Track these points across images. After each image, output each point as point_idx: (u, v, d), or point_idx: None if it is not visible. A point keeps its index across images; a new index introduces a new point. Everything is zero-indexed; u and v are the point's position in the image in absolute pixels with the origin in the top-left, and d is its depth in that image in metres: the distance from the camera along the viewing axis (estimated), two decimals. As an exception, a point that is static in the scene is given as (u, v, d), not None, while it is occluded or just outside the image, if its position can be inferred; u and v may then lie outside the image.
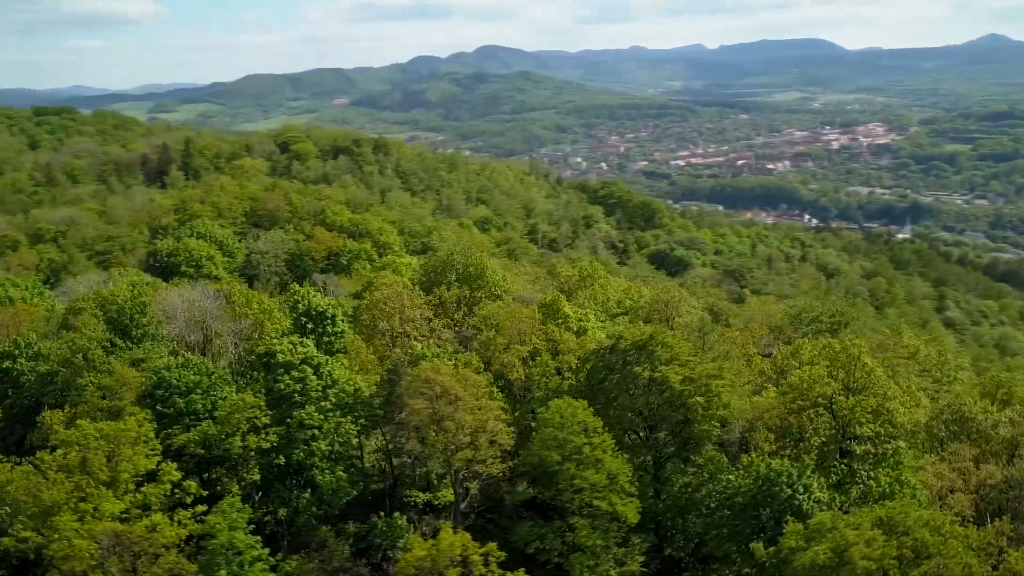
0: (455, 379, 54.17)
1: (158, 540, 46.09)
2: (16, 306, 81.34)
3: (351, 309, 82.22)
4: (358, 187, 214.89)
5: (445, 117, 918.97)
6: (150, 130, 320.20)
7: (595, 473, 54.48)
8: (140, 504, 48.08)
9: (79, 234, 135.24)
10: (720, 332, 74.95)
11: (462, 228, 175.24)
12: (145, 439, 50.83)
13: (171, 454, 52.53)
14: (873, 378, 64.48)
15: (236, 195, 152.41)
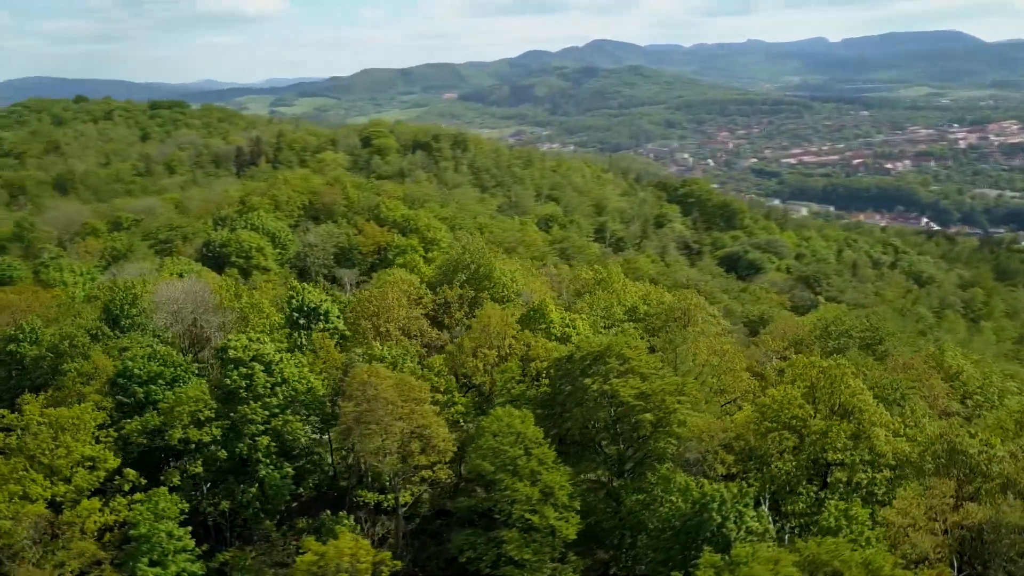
0: (392, 383, 54.03)
1: (87, 526, 48.25)
2: (41, 290, 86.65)
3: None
4: (431, 183, 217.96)
5: (552, 112, 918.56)
6: (251, 123, 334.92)
7: (528, 486, 53.30)
8: (78, 490, 50.32)
9: (151, 223, 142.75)
10: (706, 344, 71.59)
11: (522, 225, 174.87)
12: (100, 425, 53.26)
13: (126, 443, 54.73)
14: (856, 401, 60.27)
15: (298, 188, 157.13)
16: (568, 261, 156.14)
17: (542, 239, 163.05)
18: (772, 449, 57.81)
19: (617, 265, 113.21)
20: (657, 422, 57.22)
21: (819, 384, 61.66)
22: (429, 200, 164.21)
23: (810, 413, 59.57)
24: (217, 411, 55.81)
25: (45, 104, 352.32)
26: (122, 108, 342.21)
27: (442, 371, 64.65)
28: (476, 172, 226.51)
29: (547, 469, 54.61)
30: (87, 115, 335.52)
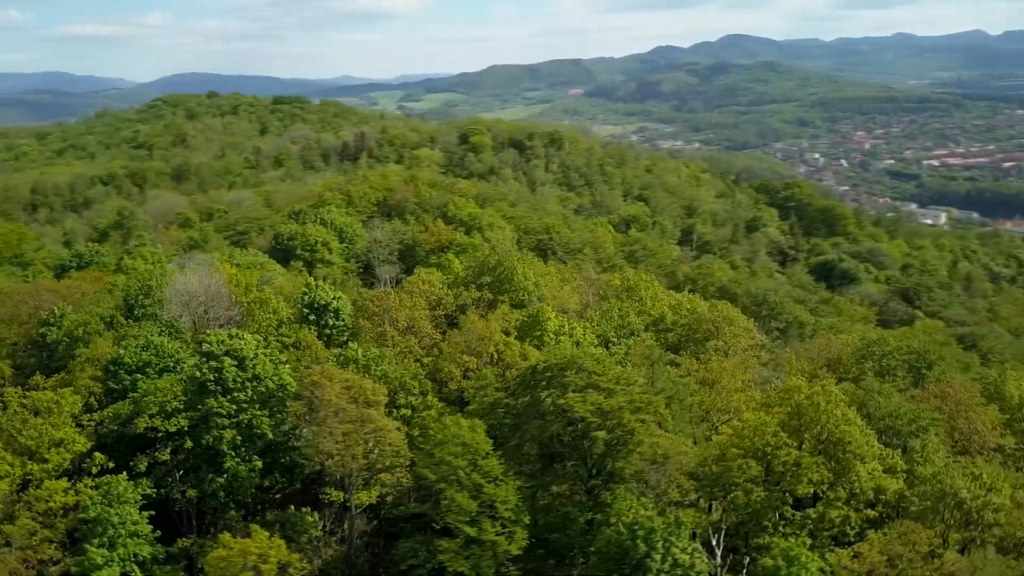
0: (341, 386, 54.77)
1: (52, 505, 51.69)
2: (103, 276, 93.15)
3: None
4: (518, 181, 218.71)
5: (678, 108, 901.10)
6: (363, 119, 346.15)
7: (467, 498, 52.77)
8: (48, 471, 53.92)
9: (232, 215, 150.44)
10: (717, 363, 68.38)
11: (595, 226, 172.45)
12: (89, 409, 56.93)
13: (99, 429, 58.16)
14: (840, 432, 56.08)
15: (376, 185, 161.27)
16: (636, 265, 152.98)
17: (613, 241, 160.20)
18: (735, 477, 54.61)
19: (650, 272, 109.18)
20: (613, 441, 55.27)
21: (804, 411, 57.81)
22: (501, 199, 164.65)
23: (785, 441, 55.93)
24: (187, 403, 58.24)
25: (181, 99, 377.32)
26: (247, 103, 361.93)
27: (419, 375, 64.89)
28: (566, 171, 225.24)
29: (490, 482, 53.87)
30: (216, 110, 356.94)
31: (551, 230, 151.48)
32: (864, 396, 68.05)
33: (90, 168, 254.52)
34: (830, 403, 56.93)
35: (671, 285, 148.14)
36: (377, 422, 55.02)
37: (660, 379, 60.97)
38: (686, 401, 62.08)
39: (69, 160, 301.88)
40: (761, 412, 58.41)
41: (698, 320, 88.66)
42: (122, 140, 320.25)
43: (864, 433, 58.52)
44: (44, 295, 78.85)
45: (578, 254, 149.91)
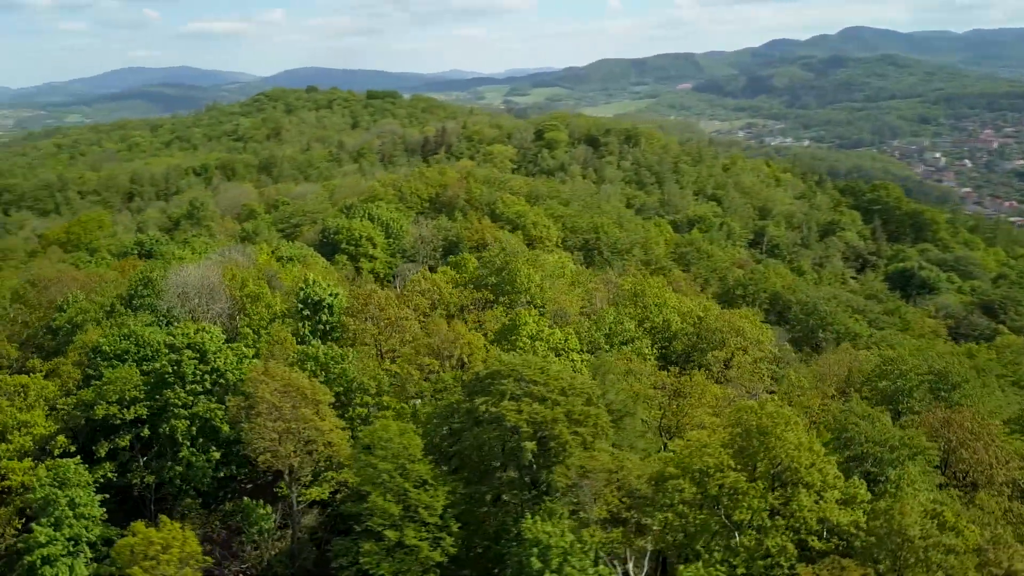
0: (280, 384, 55.78)
1: (11, 484, 55.10)
2: (140, 264, 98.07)
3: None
4: (587, 178, 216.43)
5: (789, 104, 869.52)
6: (452, 113, 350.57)
7: (390, 502, 52.79)
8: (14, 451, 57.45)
9: (290, 208, 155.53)
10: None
11: (655, 227, 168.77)
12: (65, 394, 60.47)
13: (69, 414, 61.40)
14: (788, 458, 52.93)
15: (431, 181, 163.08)
16: (687, 267, 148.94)
17: (667, 242, 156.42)
18: (668, 498, 52.39)
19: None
20: (547, 452, 54.07)
21: (754, 434, 54.86)
22: (553, 196, 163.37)
23: (727, 464, 53.18)
24: (148, 392, 60.73)
25: (282, 94, 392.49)
26: (342, 98, 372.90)
27: (379, 376, 65.33)
28: (638, 169, 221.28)
29: (418, 487, 53.68)
30: (313, 104, 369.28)
31: (599, 230, 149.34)
32: (845, 420, 63.96)
33: (187, 159, 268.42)
34: (778, 426, 53.76)
35: (722, 290, 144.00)
36: (312, 421, 55.73)
37: (610, 391, 59.06)
38: (638, 415, 59.90)
39: (174, 151, 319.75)
40: (707, 431, 55.81)
41: (705, 329, 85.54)
42: (223, 133, 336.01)
43: (822, 459, 55.00)
44: (68, 282, 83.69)
45: (626, 255, 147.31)
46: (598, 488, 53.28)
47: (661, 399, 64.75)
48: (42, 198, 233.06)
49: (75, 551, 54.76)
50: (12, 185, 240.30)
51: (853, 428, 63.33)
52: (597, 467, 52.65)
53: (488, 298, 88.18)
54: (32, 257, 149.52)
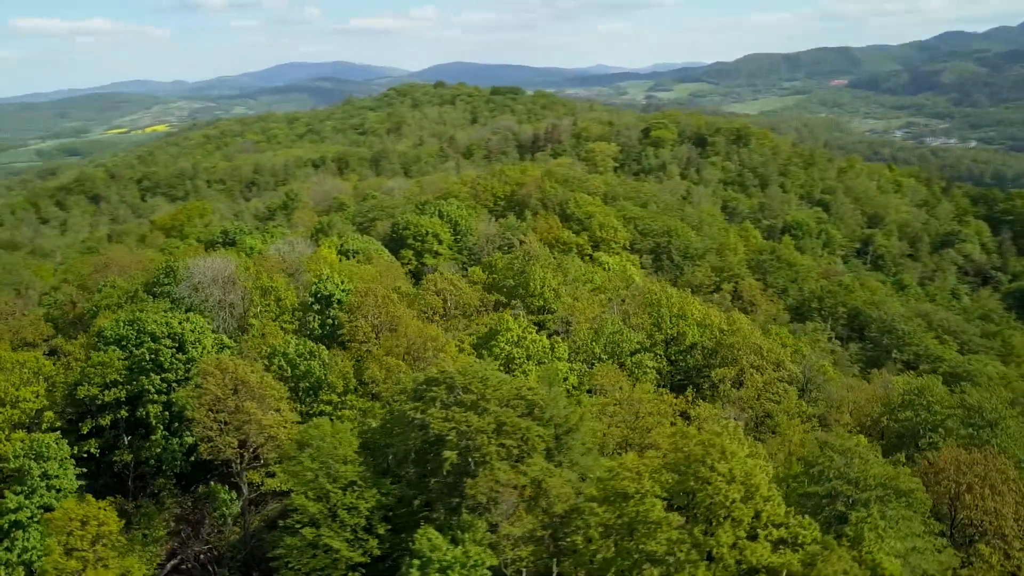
0: (229, 377, 58.12)
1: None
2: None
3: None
4: (685, 179, 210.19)
5: (956, 103, 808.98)
6: (571, 109, 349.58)
7: (309, 500, 53.93)
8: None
9: (368, 203, 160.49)
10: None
11: (740, 233, 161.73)
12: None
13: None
14: (715, 488, 49.78)
15: (510, 179, 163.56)
16: (763, 276, 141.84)
17: (748, 249, 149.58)
18: (581, 522, 50.46)
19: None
20: (465, 463, 53.50)
21: (689, 462, 51.93)
22: (630, 197, 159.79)
23: (652, 491, 50.57)
24: (128, 377, 64.84)
25: (409, 89, 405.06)
26: (466, 93, 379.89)
27: (347, 373, 66.60)
28: (742, 170, 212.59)
29: (343, 488, 54.49)
30: (438, 99, 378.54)
31: (671, 233, 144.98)
32: (819, 452, 59.07)
33: (311, 152, 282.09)
34: (710, 455, 50.52)
35: (798, 301, 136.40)
36: (254, 415, 57.69)
37: (551, 406, 57.39)
38: (581, 431, 57.87)
39: (304, 144, 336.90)
40: (635, 454, 53.26)
41: (721, 344, 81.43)
42: (350, 127, 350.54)
43: (764, 494, 51.28)
44: (113, 266, 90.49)
45: (698, 260, 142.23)
46: (514, 505, 52.20)
47: (624, 416, 62.30)
48: (175, 185, 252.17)
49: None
50: (152, 172, 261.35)
51: (825, 462, 58.50)
52: (510, 482, 51.53)
53: (500, 300, 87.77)
54: (140, 241, 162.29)
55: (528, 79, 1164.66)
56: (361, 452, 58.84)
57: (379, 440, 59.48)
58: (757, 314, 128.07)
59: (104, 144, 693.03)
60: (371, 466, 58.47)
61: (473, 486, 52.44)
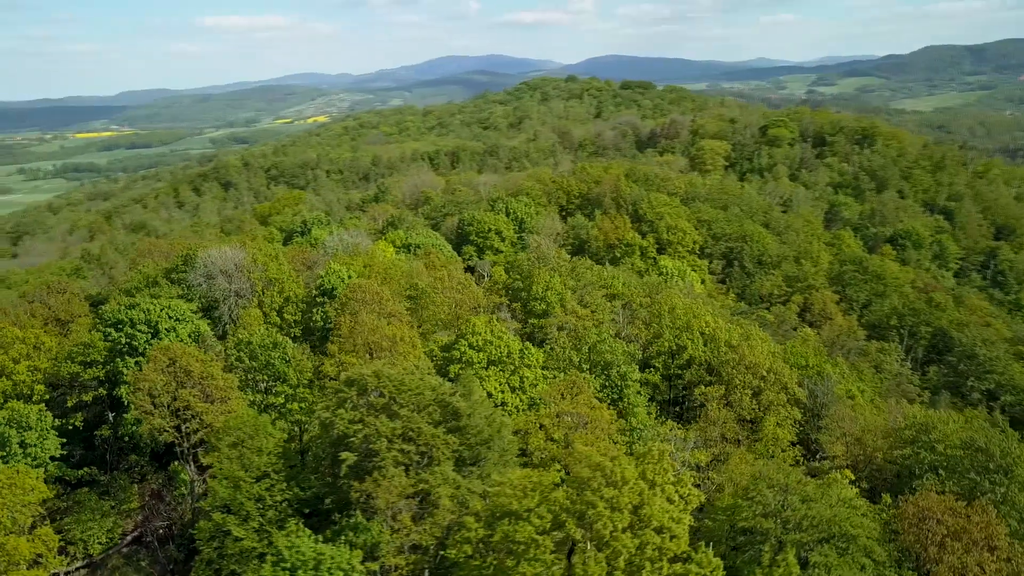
0: (177, 365, 60.96)
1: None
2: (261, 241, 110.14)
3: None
4: (796, 180, 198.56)
5: None
6: (700, 104, 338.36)
7: (225, 489, 55.70)
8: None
9: (444, 198, 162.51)
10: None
11: (829, 242, 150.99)
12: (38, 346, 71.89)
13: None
14: (594, 515, 47.12)
15: (588, 177, 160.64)
16: (841, 288, 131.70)
17: (831, 259, 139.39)
18: (459, 537, 49.06)
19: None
20: (364, 466, 53.38)
21: (579, 483, 49.35)
22: (712, 199, 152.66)
23: (535, 511, 48.42)
24: (106, 359, 69.33)
25: (541, 83, 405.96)
26: (596, 88, 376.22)
27: (302, 367, 67.99)
28: (858, 172, 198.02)
29: (257, 479, 55.91)
30: (567, 93, 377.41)
31: (747, 239, 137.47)
32: (753, 485, 54.20)
33: (425, 145, 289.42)
34: (594, 479, 47.69)
35: (877, 317, 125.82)
36: (191, 402, 60.13)
37: (469, 415, 55.95)
38: (497, 442, 56.06)
39: (431, 137, 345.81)
40: (528, 471, 51.01)
41: (719, 361, 76.52)
42: (476, 120, 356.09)
43: (656, 524, 47.96)
44: (155, 252, 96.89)
45: (772, 269, 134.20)
46: (401, 512, 51.65)
47: (553, 432, 59.86)
48: (298, 174, 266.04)
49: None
50: (279, 162, 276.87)
51: (756, 495, 53.64)
52: (394, 489, 50.98)
53: (502, 302, 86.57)
54: (238, 228, 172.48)
55: (683, 73, 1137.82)
56: (286, 446, 60.23)
57: (308, 437, 60.50)
58: (825, 329, 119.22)
59: (268, 133, 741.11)
60: (297, 461, 59.73)
61: (359, 490, 52.29)
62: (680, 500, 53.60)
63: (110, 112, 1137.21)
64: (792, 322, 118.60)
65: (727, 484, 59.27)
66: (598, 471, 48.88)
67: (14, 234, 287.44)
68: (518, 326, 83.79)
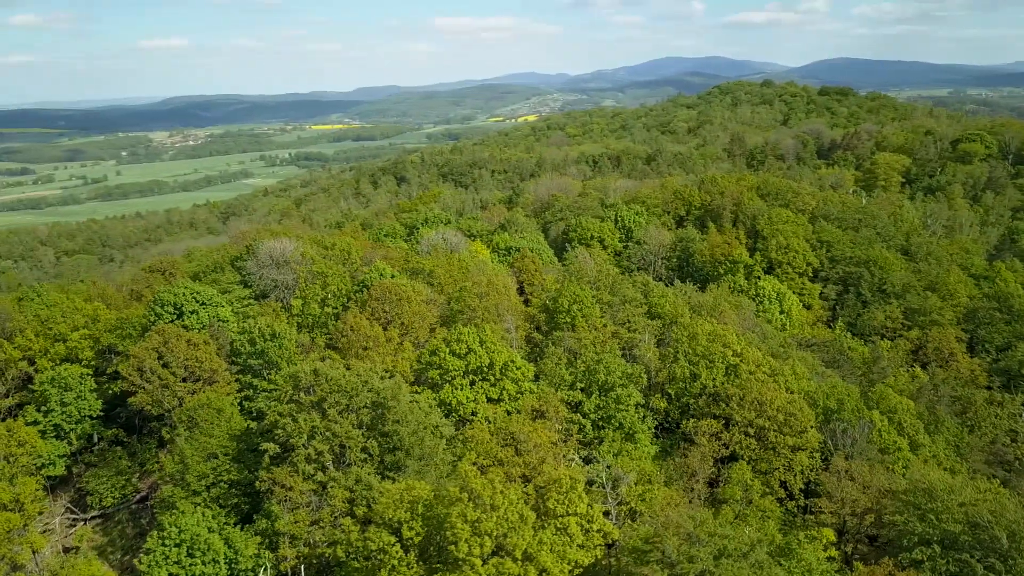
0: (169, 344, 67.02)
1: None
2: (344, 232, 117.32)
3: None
4: (978, 203, 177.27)
5: None
6: (904, 114, 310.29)
7: (174, 464, 60.76)
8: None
9: (563, 202, 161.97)
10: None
11: (980, 274, 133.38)
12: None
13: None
14: (457, 535, 46.59)
15: (718, 187, 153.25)
16: (972, 329, 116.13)
17: (980, 293, 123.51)
18: (338, 536, 50.18)
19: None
20: (280, 457, 56.14)
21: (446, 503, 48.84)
22: (837, 217, 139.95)
23: (410, 524, 48.59)
24: (140, 334, 77.28)
25: (735, 87, 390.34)
26: (790, 93, 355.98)
27: (290, 358, 71.71)
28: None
29: (204, 458, 60.40)
30: (759, 98, 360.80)
31: (870, 264, 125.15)
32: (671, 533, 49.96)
33: (594, 147, 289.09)
34: (460, 503, 46.89)
35: (1015, 365, 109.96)
36: (170, 380, 65.84)
37: (392, 422, 56.63)
38: (427, 450, 56.37)
39: (611, 139, 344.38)
40: (411, 484, 50.84)
41: (726, 397, 71.14)
42: (658, 124, 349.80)
43: (514, 555, 46.48)
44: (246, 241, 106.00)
45: (893, 299, 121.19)
46: (297, 505, 53.78)
47: (494, 449, 58.82)
48: (466, 172, 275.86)
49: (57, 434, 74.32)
50: (451, 160, 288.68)
51: (655, 543, 49.43)
52: (284, 483, 53.10)
53: (532, 312, 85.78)
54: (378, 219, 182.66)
55: (924, 77, 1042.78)
56: (248, 431, 64.08)
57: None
58: (939, 372, 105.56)
59: (479, 130, 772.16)
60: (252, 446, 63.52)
61: (264, 479, 54.86)
62: (586, 533, 51.70)
63: (346, 106, 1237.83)
64: (895, 360, 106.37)
65: (646, 524, 55.12)
66: (464, 492, 48.09)
67: (226, 214, 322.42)
68: (522, 335, 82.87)
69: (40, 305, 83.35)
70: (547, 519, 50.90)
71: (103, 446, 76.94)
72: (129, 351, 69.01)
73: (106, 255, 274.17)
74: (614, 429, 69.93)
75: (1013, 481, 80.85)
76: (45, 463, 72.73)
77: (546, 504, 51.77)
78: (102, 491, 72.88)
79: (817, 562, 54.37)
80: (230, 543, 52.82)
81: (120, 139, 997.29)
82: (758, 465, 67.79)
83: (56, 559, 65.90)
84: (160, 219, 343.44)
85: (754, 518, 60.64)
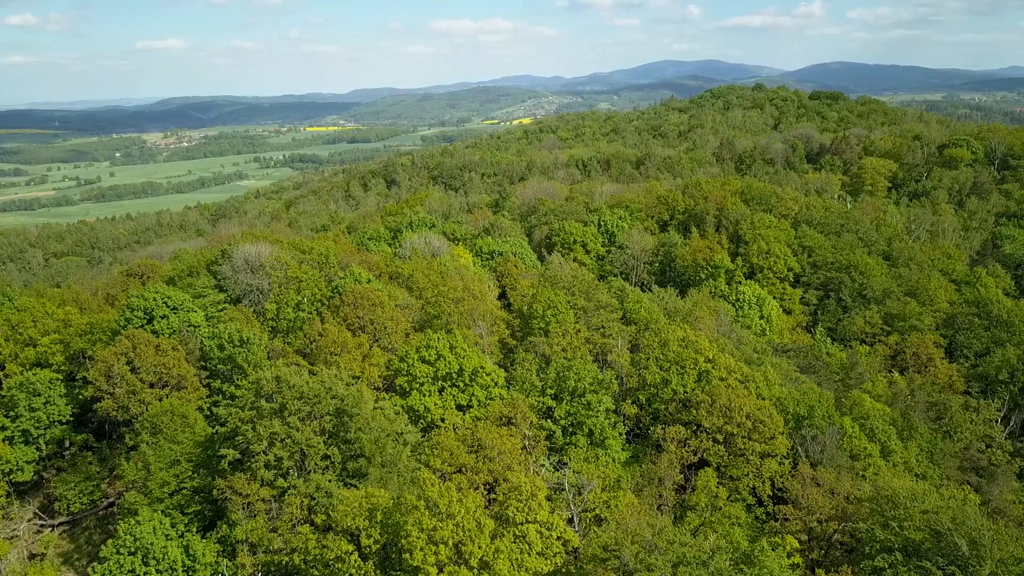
0: (137, 349, 66.75)
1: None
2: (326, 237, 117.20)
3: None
4: (962, 209, 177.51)
5: None
6: (892, 118, 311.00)
7: (136, 471, 60.50)
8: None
9: (548, 206, 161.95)
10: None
11: (961, 280, 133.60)
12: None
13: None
14: (413, 543, 46.46)
15: (702, 192, 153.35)
16: (951, 335, 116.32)
17: (959, 299, 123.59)
18: (296, 542, 49.96)
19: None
20: (239, 463, 55.89)
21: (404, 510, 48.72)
22: (818, 223, 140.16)
23: (367, 531, 48.50)
24: (110, 339, 76.98)
25: (726, 91, 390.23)
26: (781, 97, 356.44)
27: (259, 363, 71.51)
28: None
29: (167, 465, 60.20)
30: (751, 103, 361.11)
31: (850, 269, 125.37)
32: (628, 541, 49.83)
33: (583, 151, 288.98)
34: (417, 510, 46.83)
35: (990, 370, 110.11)
36: (137, 386, 65.55)
37: (355, 430, 56.50)
38: (387, 457, 56.24)
39: (602, 142, 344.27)
40: (371, 492, 50.76)
41: (696, 404, 71.09)
42: (650, 127, 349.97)
43: (471, 562, 46.39)
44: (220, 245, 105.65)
45: (873, 305, 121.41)
46: (256, 512, 53.54)
47: (459, 456, 58.71)
48: (456, 175, 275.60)
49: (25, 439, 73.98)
50: (442, 163, 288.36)
51: (614, 549, 49.34)
52: (242, 490, 52.87)
53: (507, 318, 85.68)
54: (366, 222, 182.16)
55: (919, 82, 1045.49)
56: (213, 437, 63.84)
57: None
58: (916, 378, 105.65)
59: (473, 133, 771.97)
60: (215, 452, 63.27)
61: (221, 487, 54.66)
62: (545, 541, 51.62)
63: (342, 108, 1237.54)
64: (873, 365, 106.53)
65: (608, 531, 55.04)
66: (420, 500, 48.01)
67: (215, 216, 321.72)
68: (495, 341, 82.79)
69: (11, 309, 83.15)
70: (506, 527, 50.74)
71: (74, 451, 76.67)
72: (96, 356, 68.80)
73: (95, 257, 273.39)
74: (584, 435, 69.90)
75: (984, 487, 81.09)
76: (13, 469, 72.50)
77: (506, 512, 51.64)
78: (70, 496, 72.57)
79: (780, 569, 54.25)
80: (188, 551, 52.57)
81: (115, 140, 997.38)
82: (727, 471, 67.84)
83: (21, 565, 65.56)
84: (150, 221, 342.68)
85: (721, 525, 60.57)
